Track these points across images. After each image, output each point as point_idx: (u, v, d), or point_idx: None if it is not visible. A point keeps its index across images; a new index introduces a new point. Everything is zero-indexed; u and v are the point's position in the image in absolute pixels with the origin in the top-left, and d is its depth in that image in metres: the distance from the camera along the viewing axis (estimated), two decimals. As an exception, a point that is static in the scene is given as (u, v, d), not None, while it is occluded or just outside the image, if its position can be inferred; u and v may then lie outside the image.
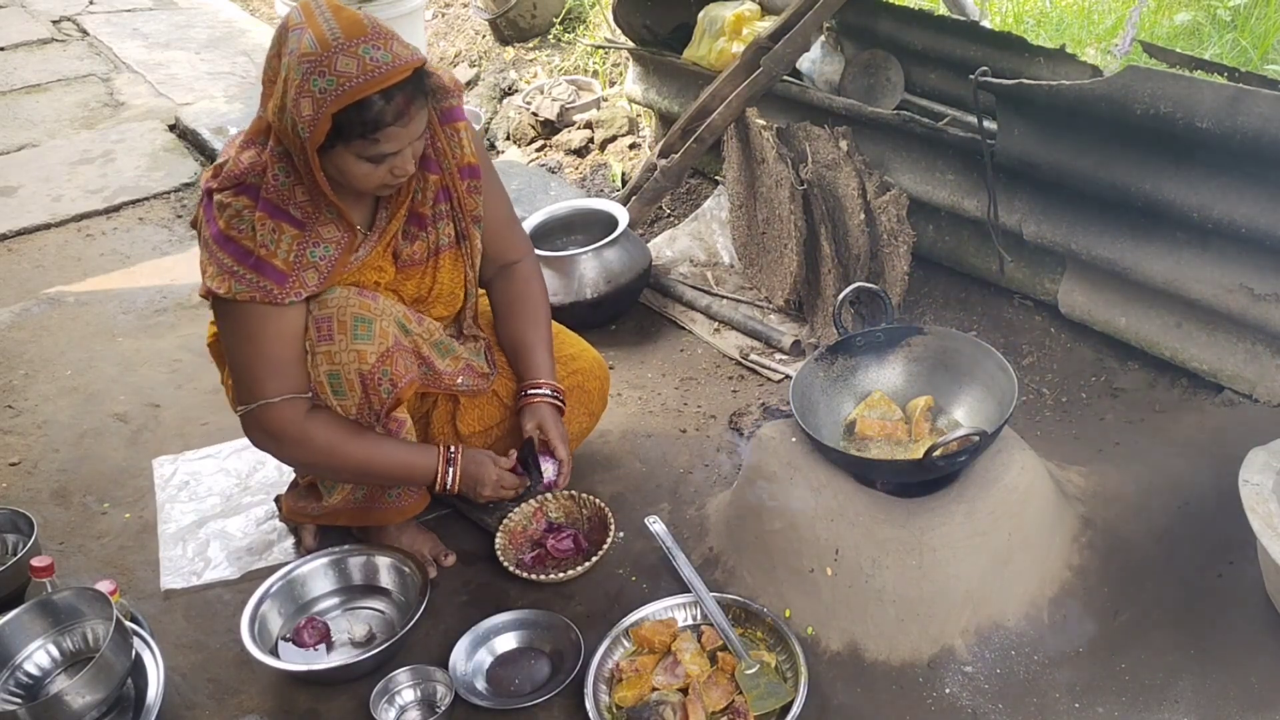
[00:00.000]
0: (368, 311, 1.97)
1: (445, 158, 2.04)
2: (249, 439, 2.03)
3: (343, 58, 1.71)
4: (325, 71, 1.71)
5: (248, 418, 1.99)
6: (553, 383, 2.22)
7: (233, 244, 1.87)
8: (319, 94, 1.71)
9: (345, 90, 1.71)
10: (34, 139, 4.64)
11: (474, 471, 2.10)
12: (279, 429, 1.97)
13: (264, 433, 1.99)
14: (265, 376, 1.94)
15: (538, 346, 2.23)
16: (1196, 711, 1.83)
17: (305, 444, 1.98)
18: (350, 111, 1.73)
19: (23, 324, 3.31)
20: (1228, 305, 2.39)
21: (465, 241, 2.12)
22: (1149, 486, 2.24)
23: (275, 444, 2.01)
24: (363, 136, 1.76)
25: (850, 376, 2.30)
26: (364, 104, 1.73)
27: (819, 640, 2.04)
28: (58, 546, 2.41)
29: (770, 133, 2.98)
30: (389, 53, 1.74)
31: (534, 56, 5.08)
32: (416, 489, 2.21)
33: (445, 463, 2.08)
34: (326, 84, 1.71)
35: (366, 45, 1.73)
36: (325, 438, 1.98)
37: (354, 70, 1.71)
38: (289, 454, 2.06)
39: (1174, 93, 2.26)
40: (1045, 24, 4.16)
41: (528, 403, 2.19)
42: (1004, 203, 2.77)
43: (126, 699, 1.97)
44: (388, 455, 2.04)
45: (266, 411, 1.95)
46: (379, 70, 1.72)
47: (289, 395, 1.95)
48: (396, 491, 2.19)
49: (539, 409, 2.18)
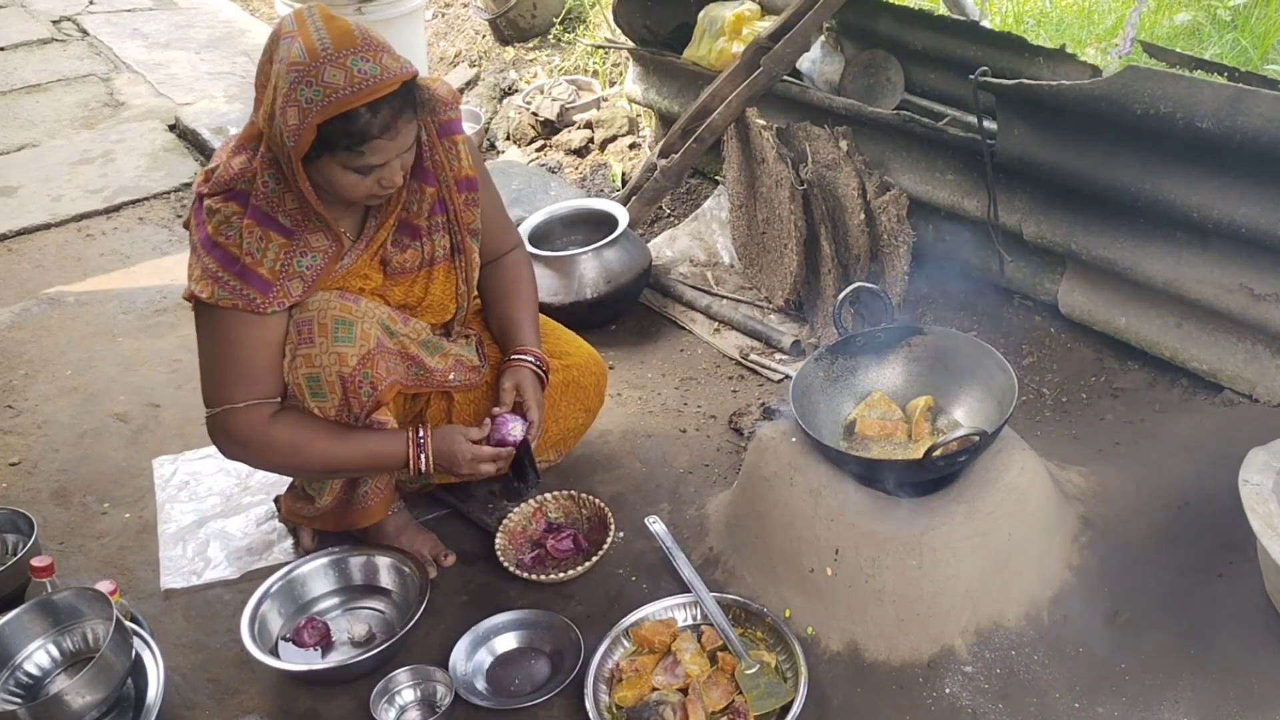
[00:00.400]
0: (349, 314, 1.97)
1: (443, 170, 2.04)
2: (213, 442, 2.01)
3: (330, 69, 1.71)
4: (312, 82, 1.71)
5: (212, 421, 1.98)
6: (538, 352, 2.21)
7: (219, 250, 1.87)
8: (305, 104, 1.71)
9: (331, 101, 1.71)
10: (34, 139, 4.64)
11: (445, 449, 2.05)
12: (243, 434, 1.96)
13: (227, 437, 1.98)
14: (234, 382, 1.94)
15: (524, 323, 2.24)
16: (1196, 711, 1.83)
17: (269, 448, 1.98)
18: (336, 123, 1.73)
19: (23, 324, 3.31)
20: (1228, 305, 2.39)
21: (460, 255, 2.12)
22: (1149, 486, 2.24)
23: (239, 449, 2.00)
24: (348, 148, 1.76)
25: (850, 376, 2.30)
26: (350, 116, 1.73)
27: (819, 640, 2.04)
28: (58, 546, 2.41)
29: (770, 133, 2.98)
30: (377, 65, 1.73)
31: (534, 56, 5.08)
32: (383, 491, 2.21)
33: (415, 446, 2.03)
34: (313, 94, 1.71)
35: (355, 57, 1.72)
36: (289, 439, 1.97)
37: (341, 82, 1.71)
38: (253, 457, 2.04)
39: (1174, 93, 2.26)
40: (1045, 24, 4.16)
41: (509, 365, 2.18)
42: (1004, 203, 2.77)
43: (126, 699, 1.97)
44: (354, 448, 2.01)
45: (231, 416, 1.95)
46: (366, 83, 1.72)
47: (254, 400, 1.95)
48: (363, 492, 2.19)
49: (518, 370, 2.17)
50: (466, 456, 2.05)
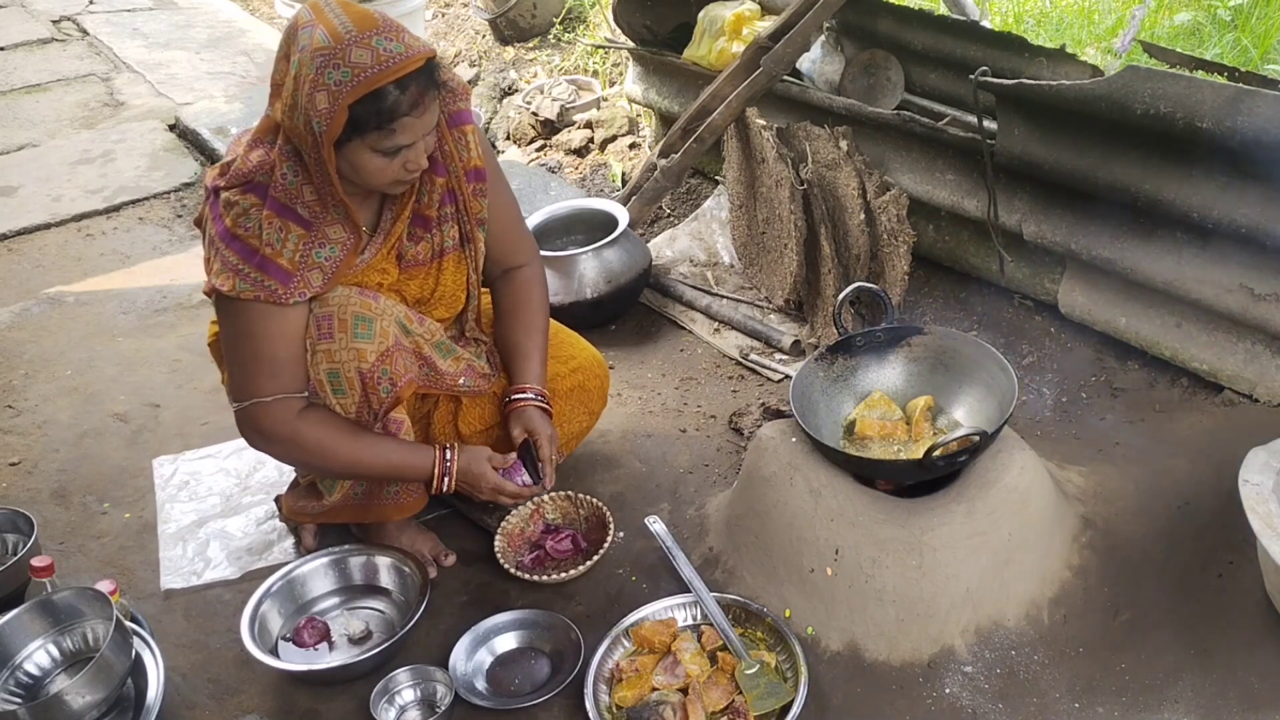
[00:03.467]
0: (368, 310, 1.98)
1: (452, 160, 2.04)
2: (241, 435, 2.04)
3: (356, 49, 1.72)
4: (340, 64, 1.72)
5: (241, 415, 2.00)
6: (538, 388, 2.21)
7: (238, 242, 1.87)
8: (334, 86, 1.72)
9: (361, 80, 1.72)
10: (34, 139, 4.65)
11: (470, 473, 2.09)
12: (270, 428, 1.97)
13: (255, 431, 2.00)
14: (261, 375, 1.95)
15: (531, 354, 2.23)
16: (1196, 711, 1.83)
17: (296, 443, 1.99)
18: (366, 102, 1.74)
19: (23, 324, 3.31)
20: (1228, 305, 2.39)
21: (469, 244, 2.13)
22: (1149, 486, 2.24)
23: (266, 442, 2.02)
24: (378, 128, 1.77)
25: (850, 376, 2.30)
26: (379, 94, 1.74)
27: (819, 640, 2.04)
28: (58, 546, 2.41)
29: (770, 133, 2.98)
30: (401, 43, 1.75)
31: (534, 56, 5.08)
32: (416, 489, 2.21)
33: (441, 464, 2.07)
34: (342, 75, 1.72)
35: (379, 37, 1.74)
36: (316, 437, 1.98)
37: (368, 61, 1.72)
38: (280, 452, 2.07)
39: (1174, 93, 2.26)
40: (1045, 24, 4.16)
41: (513, 408, 2.19)
42: (1004, 203, 2.77)
43: (126, 699, 1.97)
44: (380, 457, 2.04)
45: (259, 410, 1.96)
46: (393, 60, 1.73)
47: (282, 395, 1.96)
48: (395, 489, 2.19)
49: (525, 412, 2.18)
50: (490, 484, 2.09)
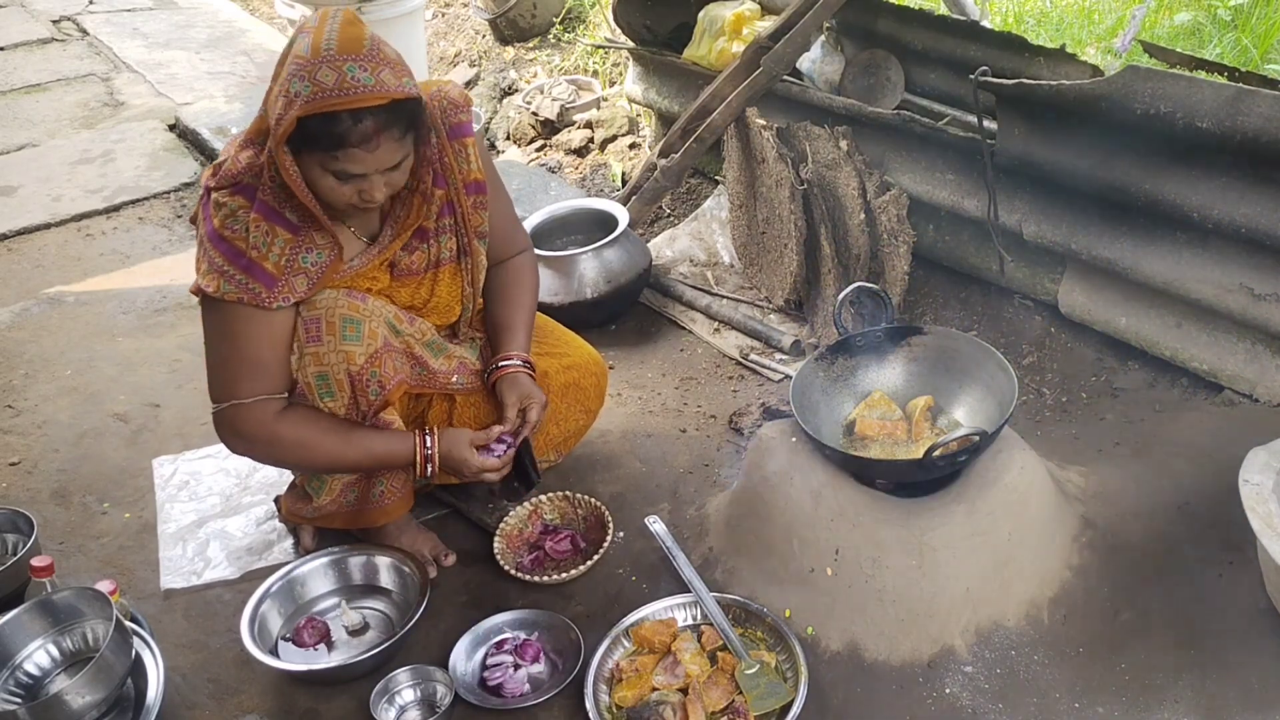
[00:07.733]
0: (356, 313, 1.98)
1: (452, 173, 2.05)
2: (219, 437, 2.02)
3: (326, 69, 1.73)
4: (305, 77, 1.73)
5: (218, 416, 1.99)
6: (523, 355, 2.20)
7: (225, 243, 1.88)
8: (292, 95, 1.74)
9: (316, 99, 1.73)
10: (34, 139, 4.65)
11: (452, 457, 2.07)
12: (249, 430, 1.97)
13: (234, 433, 1.99)
14: (240, 377, 1.95)
15: (516, 328, 2.22)
16: (1196, 711, 1.83)
17: (274, 444, 1.99)
18: (318, 121, 1.75)
19: (23, 324, 3.31)
20: (1228, 305, 2.39)
21: (466, 257, 2.13)
22: (1149, 486, 2.24)
23: (244, 443, 2.01)
24: (325, 150, 1.78)
25: (850, 376, 2.30)
26: (333, 117, 1.74)
27: (819, 640, 2.03)
28: (58, 546, 2.41)
29: (770, 133, 2.98)
30: (373, 77, 1.74)
31: (534, 56, 5.08)
32: (400, 490, 2.21)
33: (422, 449, 2.04)
34: (303, 88, 1.73)
35: (353, 64, 1.74)
36: (295, 437, 1.98)
37: (331, 83, 1.72)
38: (260, 453, 2.06)
39: (1174, 92, 2.26)
40: (1045, 24, 4.16)
41: (502, 374, 2.17)
42: (1004, 203, 2.77)
43: (126, 699, 1.97)
44: (361, 449, 2.03)
45: (237, 411, 1.96)
46: (355, 89, 1.73)
47: (261, 396, 1.96)
48: (381, 490, 2.19)
49: (515, 378, 2.16)
50: (473, 466, 2.07)
